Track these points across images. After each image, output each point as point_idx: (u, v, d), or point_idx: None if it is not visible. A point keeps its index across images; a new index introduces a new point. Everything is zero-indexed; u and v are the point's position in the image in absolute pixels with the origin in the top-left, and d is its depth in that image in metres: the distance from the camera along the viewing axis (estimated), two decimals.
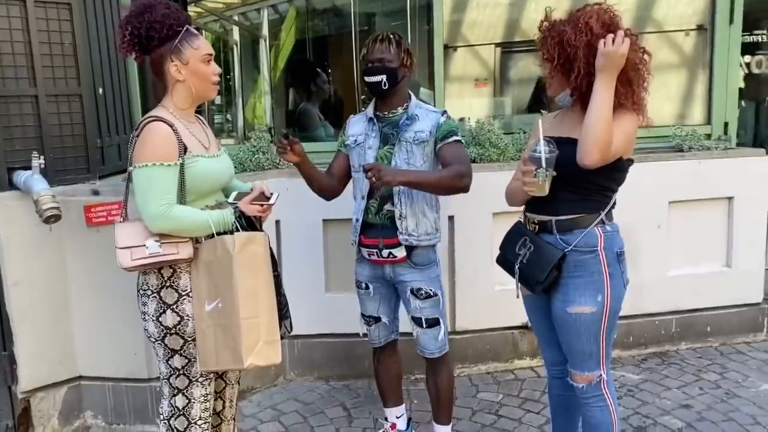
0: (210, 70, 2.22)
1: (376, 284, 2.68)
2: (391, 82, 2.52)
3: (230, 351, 2.09)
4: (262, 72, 8.30)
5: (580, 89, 2.12)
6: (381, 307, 2.71)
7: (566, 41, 2.07)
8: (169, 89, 2.20)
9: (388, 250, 2.55)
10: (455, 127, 2.58)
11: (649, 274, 3.67)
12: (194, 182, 2.16)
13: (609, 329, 2.22)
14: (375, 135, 2.60)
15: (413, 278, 2.59)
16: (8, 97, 2.86)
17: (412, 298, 2.60)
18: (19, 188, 2.84)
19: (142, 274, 2.22)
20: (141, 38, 2.13)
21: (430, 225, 2.59)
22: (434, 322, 2.61)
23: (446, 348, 2.67)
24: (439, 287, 2.63)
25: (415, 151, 2.53)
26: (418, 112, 2.58)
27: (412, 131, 2.54)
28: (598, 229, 2.18)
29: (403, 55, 2.53)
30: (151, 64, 2.20)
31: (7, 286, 2.88)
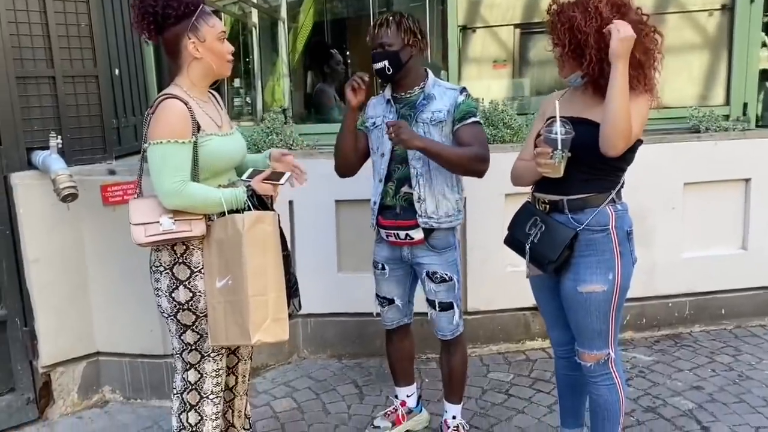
0: (225, 47, 2.23)
1: (393, 266, 2.69)
2: (394, 65, 2.49)
3: (239, 327, 2.13)
4: (280, 54, 8.30)
5: (592, 75, 2.10)
6: (395, 289, 2.73)
7: (576, 27, 2.06)
8: (184, 67, 2.21)
9: (405, 232, 2.55)
10: (474, 107, 2.54)
11: (663, 256, 3.65)
12: (207, 161, 2.19)
13: (618, 307, 2.23)
14: (392, 116, 2.58)
15: (430, 261, 2.59)
16: (26, 78, 2.91)
17: (428, 280, 2.61)
18: (38, 168, 2.89)
19: (155, 250, 2.25)
20: (157, 16, 2.13)
21: (452, 206, 2.57)
22: (448, 306, 2.62)
23: (460, 330, 2.68)
24: (456, 272, 2.62)
25: (433, 131, 2.51)
26: (435, 91, 2.55)
27: (429, 111, 2.52)
28: (609, 208, 2.18)
29: (404, 36, 2.48)
30: (165, 42, 2.20)
31: (27, 263, 2.95)
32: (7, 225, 2.90)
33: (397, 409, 2.89)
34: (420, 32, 2.53)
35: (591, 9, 2.04)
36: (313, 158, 3.44)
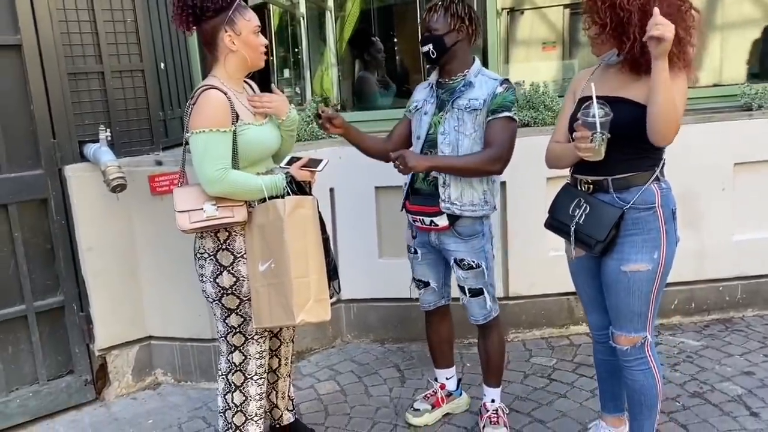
0: (259, 41, 2.29)
1: (424, 250, 2.72)
2: (438, 49, 2.50)
3: (282, 308, 2.21)
4: (328, 44, 8.36)
5: (633, 54, 2.05)
6: (429, 272, 2.75)
7: (619, 5, 2.02)
8: (220, 59, 2.29)
9: (430, 218, 2.57)
10: (511, 101, 2.50)
11: (712, 239, 3.55)
12: (245, 149, 2.26)
13: (660, 288, 2.20)
14: (433, 101, 2.60)
15: (457, 248, 2.60)
16: (77, 74, 3.04)
17: (456, 267, 2.63)
18: (89, 160, 3.03)
19: (199, 237, 2.34)
20: (195, 8, 2.21)
21: (477, 196, 2.55)
22: (478, 292, 2.63)
23: (492, 315, 2.68)
24: (484, 258, 2.61)
25: (466, 118, 2.51)
26: (477, 80, 2.54)
27: (466, 99, 2.52)
28: (654, 186, 2.15)
29: (452, 21, 2.48)
30: (203, 34, 2.28)
31: (81, 251, 3.10)
32: (63, 215, 3.05)
33: (437, 391, 2.91)
34: (470, 18, 2.52)
35: None
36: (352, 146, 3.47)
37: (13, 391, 3.01)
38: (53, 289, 3.09)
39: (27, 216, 2.97)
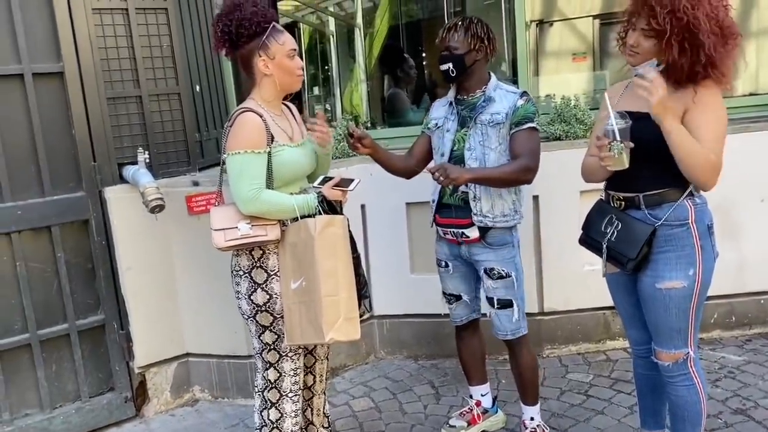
0: (294, 64, 2.34)
1: (455, 262, 2.73)
2: (458, 68, 2.54)
3: (313, 326, 2.23)
4: (357, 60, 8.45)
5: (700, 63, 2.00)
6: (461, 285, 2.75)
7: (682, 10, 1.97)
8: (257, 83, 2.35)
9: (461, 230, 2.59)
10: (532, 112, 2.54)
11: (752, 251, 3.47)
12: (280, 170, 2.31)
13: (699, 305, 2.16)
14: (453, 118, 2.63)
15: (487, 258, 2.61)
16: (116, 98, 3.14)
17: (485, 277, 2.63)
18: (129, 181, 3.11)
19: (235, 255, 2.39)
20: (231, 35, 2.27)
21: (508, 206, 2.58)
22: (507, 303, 2.62)
23: (522, 330, 2.66)
24: (514, 268, 2.62)
25: (491, 133, 2.54)
26: (496, 94, 2.58)
27: (488, 113, 2.55)
28: (687, 202, 2.12)
29: (471, 41, 2.53)
30: (240, 59, 2.35)
31: (121, 270, 3.17)
32: (103, 236, 3.13)
33: (473, 408, 2.90)
34: (488, 38, 2.56)
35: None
36: None
37: (56, 408, 3.09)
38: (94, 308, 3.18)
39: (69, 237, 3.07)
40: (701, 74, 2.02)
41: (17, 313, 2.98)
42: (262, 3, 2.33)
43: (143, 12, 3.16)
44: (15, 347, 2.98)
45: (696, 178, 2.04)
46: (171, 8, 3.24)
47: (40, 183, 2.96)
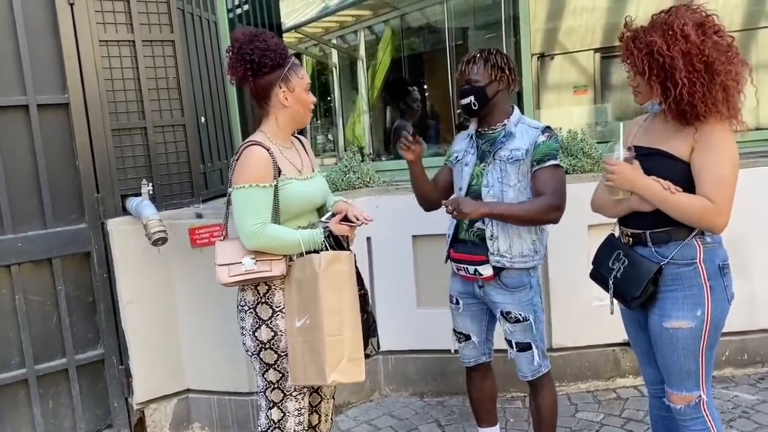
0: (310, 98, 2.34)
1: (468, 300, 2.65)
2: (480, 101, 2.49)
3: (315, 366, 2.16)
4: (360, 92, 8.52)
5: (680, 102, 1.99)
6: (471, 325, 2.67)
7: (657, 51, 1.98)
8: (272, 114, 2.32)
9: (474, 267, 2.52)
10: (555, 149, 2.48)
11: (763, 287, 3.41)
12: (287, 203, 2.27)
13: (709, 347, 2.09)
14: (473, 152, 2.58)
15: (503, 300, 2.53)
16: (121, 130, 3.11)
17: (503, 320, 2.55)
18: (131, 213, 3.07)
19: (241, 290, 2.34)
20: (253, 64, 2.24)
21: (527, 247, 2.49)
22: (525, 346, 2.54)
23: (542, 371, 2.57)
24: (532, 311, 2.53)
25: (509, 169, 2.47)
26: (517, 129, 2.51)
27: (508, 149, 2.48)
28: (696, 241, 2.07)
29: (492, 72, 2.48)
30: (256, 88, 2.30)
31: (122, 304, 3.11)
32: (105, 268, 3.08)
33: None
34: (509, 68, 2.52)
35: (677, 31, 1.96)
36: (389, 194, 3.47)
37: None
38: (94, 342, 3.11)
39: (70, 269, 3.02)
40: (691, 112, 1.99)
41: (15, 347, 2.91)
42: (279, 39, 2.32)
43: (150, 44, 3.16)
44: (11, 383, 2.91)
45: (699, 227, 2.03)
46: (178, 40, 3.23)
47: (42, 215, 2.92)
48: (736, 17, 4.82)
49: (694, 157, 2.02)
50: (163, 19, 3.19)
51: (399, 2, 7.32)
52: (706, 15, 2.02)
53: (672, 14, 2.02)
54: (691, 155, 2.02)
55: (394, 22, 7.75)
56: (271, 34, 2.29)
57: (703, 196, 1.99)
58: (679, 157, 2.04)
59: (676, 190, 2.02)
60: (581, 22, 5.82)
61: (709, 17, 2.02)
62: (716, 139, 1.99)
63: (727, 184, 1.99)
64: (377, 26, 8.04)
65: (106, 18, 3.04)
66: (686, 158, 2.03)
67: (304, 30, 8.47)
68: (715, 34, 1.99)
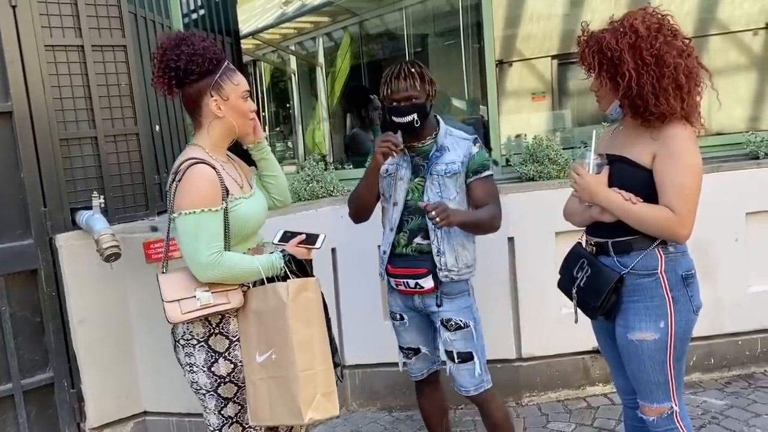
0: (248, 106, 2.13)
1: (410, 314, 2.58)
2: (422, 118, 2.43)
3: (287, 406, 1.99)
4: (319, 99, 8.43)
5: (630, 95, 1.97)
6: (418, 337, 2.61)
7: (606, 46, 1.96)
8: (204, 126, 2.10)
9: (415, 281, 2.45)
10: (487, 160, 2.51)
11: (728, 291, 3.43)
12: (238, 226, 2.08)
13: (677, 358, 2.06)
14: (406, 166, 2.50)
15: (443, 308, 2.47)
16: (69, 139, 2.95)
17: (443, 329, 2.49)
18: (82, 228, 2.90)
19: (183, 323, 2.10)
20: (179, 71, 2.02)
21: (470, 257, 2.50)
22: (467, 356, 2.47)
23: (485, 385, 2.50)
24: (472, 317, 2.49)
25: (448, 183, 2.44)
26: (448, 142, 2.48)
27: (443, 163, 2.44)
28: (658, 251, 2.03)
29: (428, 87, 2.43)
30: (186, 98, 2.09)
31: (73, 324, 2.94)
32: (54, 287, 2.91)
33: None
34: (431, 80, 2.46)
35: (625, 26, 1.96)
36: None
37: None
38: (42, 366, 2.93)
39: (15, 288, 2.84)
40: (644, 107, 1.96)
41: None
42: (211, 38, 2.13)
43: (100, 49, 3.00)
44: None
45: (662, 238, 2.01)
46: (130, 45, 3.08)
47: None
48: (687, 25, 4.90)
49: (656, 165, 1.99)
50: (114, 23, 3.04)
51: (358, 9, 7.26)
52: (662, 16, 2.01)
53: (626, 15, 2.02)
54: (653, 163, 1.99)
55: (353, 29, 7.70)
56: (202, 36, 2.08)
57: (665, 206, 1.96)
58: (641, 163, 2.01)
59: (638, 201, 1.99)
60: (538, 29, 5.85)
61: (665, 17, 2.01)
62: (679, 148, 1.96)
63: (689, 193, 1.96)
64: (336, 33, 7.98)
65: (52, 22, 2.87)
66: (648, 165, 2.01)
67: (261, 36, 8.35)
68: (670, 34, 1.97)
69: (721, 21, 4.99)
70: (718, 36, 5.02)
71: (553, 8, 5.71)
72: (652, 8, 2.01)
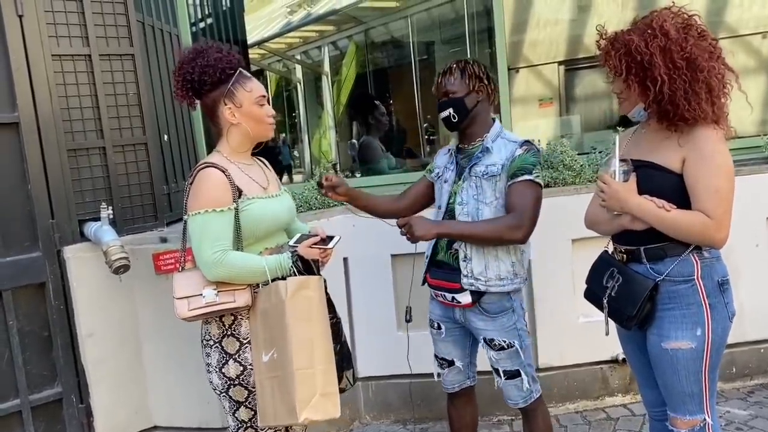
0: (264, 111, 2.17)
1: (449, 325, 2.51)
2: (460, 113, 2.36)
3: (285, 405, 1.97)
4: (325, 108, 8.42)
5: (662, 100, 1.90)
6: (454, 350, 2.53)
7: (635, 49, 1.89)
8: (223, 132, 2.17)
9: (452, 295, 2.37)
10: (531, 163, 2.32)
11: (750, 298, 3.35)
12: (251, 225, 2.10)
13: (712, 367, 1.99)
14: (452, 169, 2.45)
15: (485, 327, 2.38)
16: (77, 150, 2.91)
17: (487, 348, 2.41)
18: (90, 239, 2.86)
19: (204, 323, 2.16)
20: (194, 83, 2.11)
21: (505, 269, 2.34)
22: (514, 373, 2.40)
23: (534, 396, 2.43)
24: (516, 336, 2.38)
25: (485, 186, 2.34)
26: (495, 144, 2.37)
27: (483, 165, 2.35)
28: (693, 256, 1.96)
29: (470, 82, 2.35)
30: (204, 108, 2.19)
31: (81, 338, 2.89)
32: (62, 300, 2.86)
33: None
34: (487, 77, 2.39)
35: (656, 27, 1.89)
36: None
37: None
38: (50, 380, 2.87)
39: (23, 302, 2.78)
40: (674, 111, 1.90)
41: None
42: (227, 49, 2.18)
43: (108, 58, 2.97)
44: None
45: (698, 244, 1.94)
46: (138, 54, 3.05)
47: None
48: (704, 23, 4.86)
49: (686, 170, 1.93)
50: (122, 32, 3.00)
51: (363, 17, 7.25)
52: (689, 16, 1.95)
53: (652, 14, 1.96)
54: (684, 167, 1.93)
55: (359, 37, 7.70)
56: (218, 48, 2.15)
57: (700, 211, 1.89)
58: (670, 168, 1.95)
59: (671, 208, 1.92)
60: (545, 34, 5.82)
61: (692, 17, 1.95)
62: (710, 150, 1.90)
63: (724, 196, 1.90)
64: (341, 41, 7.98)
65: (59, 31, 2.84)
66: (677, 170, 1.94)
67: (267, 46, 8.37)
68: (698, 35, 1.92)
69: (730, 24, 4.94)
70: (727, 39, 4.98)
71: (559, 14, 5.68)
72: (677, 8, 1.95)
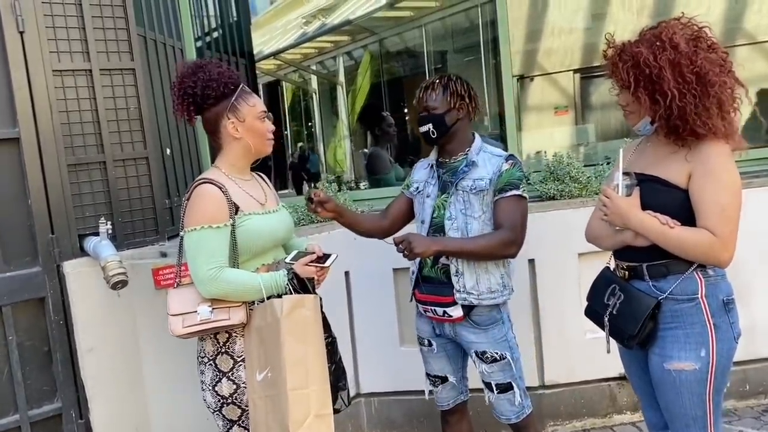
0: (265, 126, 2.19)
1: (439, 341, 2.49)
2: (439, 129, 2.37)
3: (279, 425, 1.97)
4: (340, 117, 8.45)
5: (670, 115, 1.86)
6: (447, 365, 2.51)
7: (643, 62, 1.85)
8: (224, 148, 2.18)
9: (443, 309, 2.35)
10: (518, 178, 2.34)
11: (762, 314, 3.27)
12: (247, 241, 2.10)
13: (717, 390, 1.92)
14: (434, 183, 2.44)
15: (477, 339, 2.37)
16: (78, 165, 2.90)
17: (479, 361, 2.39)
18: (90, 254, 2.85)
19: (200, 340, 2.16)
20: (196, 97, 2.12)
21: (495, 281, 2.35)
22: (506, 387, 2.38)
23: (526, 411, 2.41)
24: (508, 347, 2.38)
25: (473, 200, 2.34)
26: (480, 158, 2.38)
27: (470, 179, 2.35)
28: (697, 274, 1.91)
29: (451, 99, 2.36)
30: (205, 122, 2.19)
31: (81, 353, 2.88)
32: (61, 315, 2.85)
33: None
34: (469, 95, 2.39)
35: (665, 40, 1.84)
36: None
37: None
38: (50, 396, 2.86)
39: (22, 317, 2.77)
40: (683, 127, 1.85)
41: None
42: (226, 65, 2.21)
43: (108, 73, 2.96)
44: None
45: (703, 262, 1.88)
46: (139, 69, 3.04)
47: None
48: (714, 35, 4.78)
49: (692, 185, 1.87)
50: (123, 47, 3.00)
51: (377, 27, 7.26)
52: (699, 28, 1.89)
53: (661, 26, 1.91)
54: (689, 183, 1.88)
55: (373, 47, 7.72)
56: (218, 63, 2.18)
57: (705, 229, 1.83)
58: (675, 183, 1.89)
59: (675, 225, 1.86)
60: (560, 43, 5.77)
61: (702, 29, 1.89)
62: (717, 167, 1.85)
63: (730, 214, 1.85)
64: (356, 51, 8.01)
65: (60, 46, 2.84)
66: (682, 185, 1.89)
67: (282, 57, 8.42)
68: (708, 48, 1.86)
69: (748, 31, 4.85)
70: (744, 46, 4.89)
71: (574, 22, 5.63)
72: (686, 19, 1.90)
